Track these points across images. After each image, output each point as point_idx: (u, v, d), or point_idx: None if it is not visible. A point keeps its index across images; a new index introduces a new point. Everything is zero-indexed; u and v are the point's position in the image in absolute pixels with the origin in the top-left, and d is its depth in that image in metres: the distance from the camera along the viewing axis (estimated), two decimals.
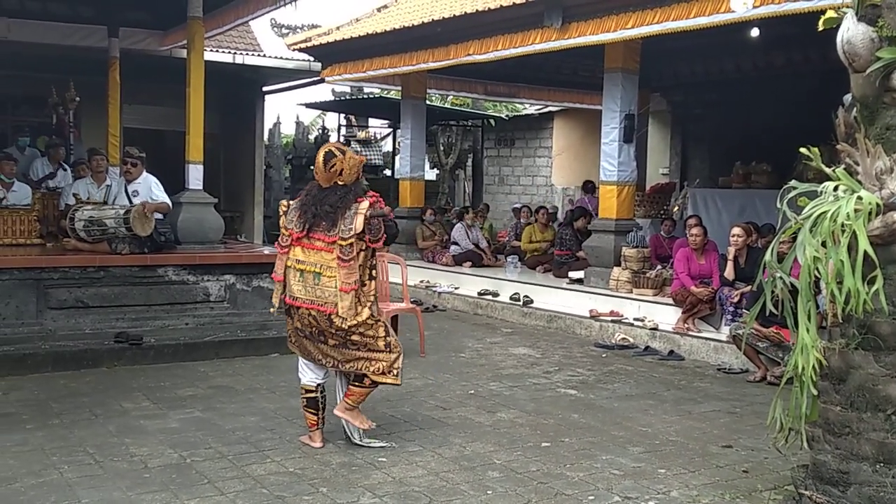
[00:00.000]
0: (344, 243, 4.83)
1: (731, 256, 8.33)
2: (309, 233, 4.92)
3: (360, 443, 5.13)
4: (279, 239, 5.11)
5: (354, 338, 4.94)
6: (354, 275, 4.85)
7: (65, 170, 10.66)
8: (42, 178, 10.38)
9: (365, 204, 4.87)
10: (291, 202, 5.14)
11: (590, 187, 14.51)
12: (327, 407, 5.21)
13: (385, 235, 4.97)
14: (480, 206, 16.48)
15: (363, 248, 4.92)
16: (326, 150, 4.98)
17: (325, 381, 5.22)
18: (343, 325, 4.87)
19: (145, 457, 4.86)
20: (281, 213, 5.13)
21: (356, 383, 5.06)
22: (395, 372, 5.00)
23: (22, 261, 7.41)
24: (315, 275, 4.90)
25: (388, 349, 4.98)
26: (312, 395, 5.17)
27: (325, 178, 4.93)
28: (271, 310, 5.28)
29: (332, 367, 5.14)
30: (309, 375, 5.17)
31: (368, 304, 4.94)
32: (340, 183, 4.93)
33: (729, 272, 8.33)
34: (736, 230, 8.42)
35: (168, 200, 8.42)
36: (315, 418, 5.17)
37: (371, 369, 4.97)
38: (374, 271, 5.06)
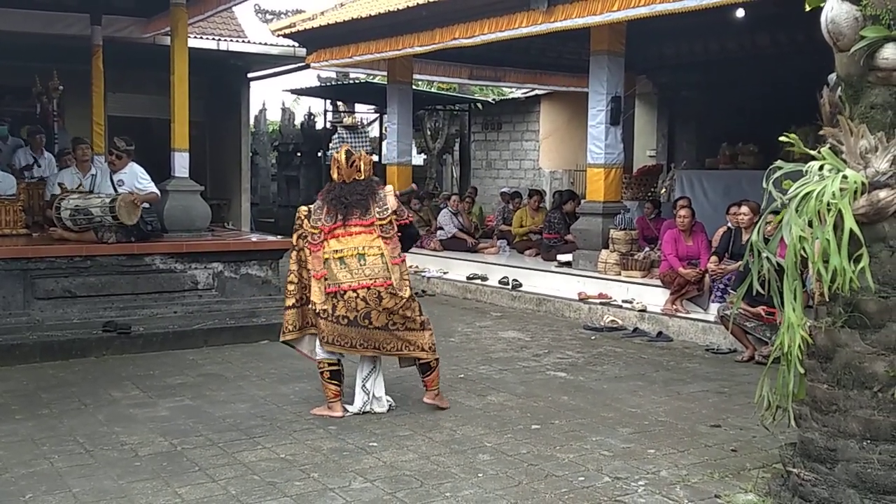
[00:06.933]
0: (383, 222, 5.36)
1: (745, 230, 8.01)
2: (345, 222, 5.34)
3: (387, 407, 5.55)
4: (309, 238, 5.41)
5: (396, 318, 5.34)
6: (398, 249, 5.40)
7: (44, 156, 10.56)
8: (23, 168, 10.30)
9: (389, 187, 5.53)
10: (311, 206, 5.53)
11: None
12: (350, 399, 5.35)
13: (410, 219, 5.60)
14: (469, 190, 16.46)
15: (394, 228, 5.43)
16: (345, 149, 5.53)
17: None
18: (396, 299, 5.28)
19: (135, 445, 4.85)
20: (302, 217, 5.49)
21: (426, 373, 5.56)
22: (433, 348, 5.51)
23: (8, 251, 7.36)
24: (359, 256, 5.30)
25: (422, 328, 5.46)
26: (335, 367, 5.47)
27: (347, 173, 5.45)
28: (314, 307, 5.36)
29: (374, 353, 5.43)
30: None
31: (407, 280, 5.42)
32: (360, 177, 5.46)
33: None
34: (744, 209, 8.12)
35: (156, 189, 8.34)
36: (338, 389, 5.48)
37: (414, 353, 5.45)
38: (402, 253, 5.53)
